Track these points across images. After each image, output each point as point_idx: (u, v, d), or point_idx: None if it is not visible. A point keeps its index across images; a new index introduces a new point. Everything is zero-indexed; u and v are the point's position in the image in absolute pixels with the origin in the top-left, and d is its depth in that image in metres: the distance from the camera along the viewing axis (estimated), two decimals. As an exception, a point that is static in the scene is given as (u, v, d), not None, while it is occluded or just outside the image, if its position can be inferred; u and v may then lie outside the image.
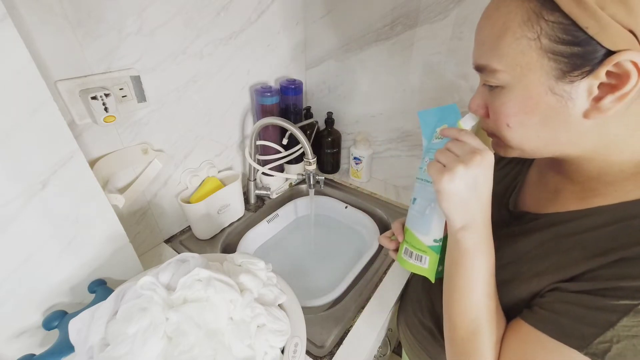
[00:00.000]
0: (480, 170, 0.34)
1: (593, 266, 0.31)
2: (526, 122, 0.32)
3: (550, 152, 0.34)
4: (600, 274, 0.30)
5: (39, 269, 0.47)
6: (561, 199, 0.38)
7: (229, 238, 0.81)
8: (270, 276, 0.49)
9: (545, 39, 0.28)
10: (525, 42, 0.29)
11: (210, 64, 0.68)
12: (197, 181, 0.76)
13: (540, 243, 0.36)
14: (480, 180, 0.34)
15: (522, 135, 0.33)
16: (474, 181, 0.34)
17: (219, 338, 0.38)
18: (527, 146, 0.34)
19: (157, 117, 0.63)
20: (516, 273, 0.37)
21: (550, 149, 0.34)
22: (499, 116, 0.34)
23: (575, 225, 0.34)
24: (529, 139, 0.33)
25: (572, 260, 0.32)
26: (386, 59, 0.80)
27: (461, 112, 0.41)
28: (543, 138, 0.33)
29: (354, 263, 0.72)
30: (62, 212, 0.47)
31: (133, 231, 0.69)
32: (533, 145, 0.34)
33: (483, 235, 0.36)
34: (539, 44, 0.28)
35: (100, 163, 0.57)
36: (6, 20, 0.35)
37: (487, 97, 0.35)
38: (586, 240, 0.33)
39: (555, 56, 0.28)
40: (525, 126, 0.32)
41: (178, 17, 0.59)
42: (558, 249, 0.34)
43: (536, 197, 0.42)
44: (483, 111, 0.37)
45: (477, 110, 0.37)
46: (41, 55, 0.45)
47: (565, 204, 0.37)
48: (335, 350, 0.55)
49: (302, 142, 0.70)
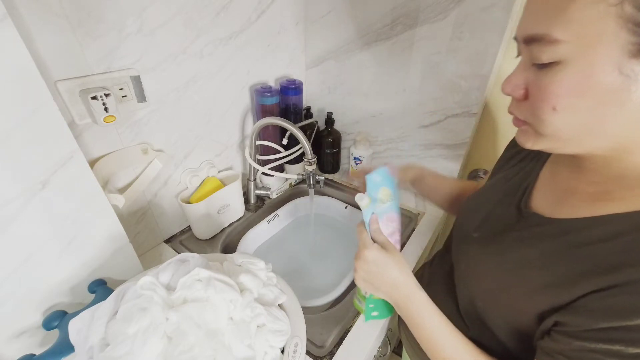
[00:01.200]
0: (366, 266, 0.45)
1: (603, 286, 0.29)
2: (576, 106, 0.28)
3: (584, 146, 0.31)
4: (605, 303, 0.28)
5: (39, 269, 0.47)
6: (575, 201, 0.35)
7: (229, 238, 0.81)
8: (270, 276, 0.49)
9: (630, 5, 0.23)
10: (602, 8, 0.24)
11: (210, 64, 0.68)
12: (197, 181, 0.76)
13: (549, 252, 0.34)
14: (372, 271, 0.45)
15: (565, 121, 0.29)
16: (367, 275, 0.46)
17: (219, 338, 0.38)
18: (564, 135, 0.30)
19: (157, 117, 0.63)
20: (520, 280, 0.36)
21: (586, 141, 0.30)
22: (545, 97, 0.29)
23: (586, 235, 0.32)
24: (571, 126, 0.29)
25: (581, 274, 0.31)
26: (386, 59, 0.80)
27: (462, 112, 0.41)
28: (587, 126, 0.29)
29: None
30: (62, 212, 0.47)
31: (133, 231, 0.69)
32: (572, 135, 0.30)
33: (410, 306, 0.44)
34: (620, 11, 0.24)
35: (100, 163, 0.57)
36: (6, 20, 0.35)
37: (530, 75, 0.31)
38: (596, 252, 0.31)
39: (637, 28, 0.23)
40: (574, 110, 0.28)
41: (178, 17, 0.59)
42: (567, 260, 0.32)
43: (547, 198, 0.40)
44: (521, 92, 0.32)
45: (513, 91, 0.33)
46: (41, 55, 0.46)
47: (578, 207, 0.35)
48: (335, 350, 0.55)
49: (302, 142, 0.70)
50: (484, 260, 0.41)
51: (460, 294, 0.47)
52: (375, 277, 0.45)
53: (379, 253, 0.44)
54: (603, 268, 0.29)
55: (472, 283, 0.43)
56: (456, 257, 0.49)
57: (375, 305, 0.53)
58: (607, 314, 0.28)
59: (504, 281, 0.37)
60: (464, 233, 0.48)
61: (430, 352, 0.43)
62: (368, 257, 0.44)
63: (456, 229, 0.51)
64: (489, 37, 0.64)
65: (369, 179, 0.47)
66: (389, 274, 0.44)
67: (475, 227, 0.45)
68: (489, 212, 0.45)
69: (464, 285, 0.46)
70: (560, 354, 0.31)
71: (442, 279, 0.52)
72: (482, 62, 0.67)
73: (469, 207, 0.51)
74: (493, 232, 0.42)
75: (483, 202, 0.47)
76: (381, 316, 0.55)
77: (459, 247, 0.48)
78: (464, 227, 0.49)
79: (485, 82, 0.69)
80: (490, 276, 0.40)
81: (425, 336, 0.43)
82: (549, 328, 0.33)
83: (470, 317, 0.44)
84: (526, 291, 0.35)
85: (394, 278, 0.44)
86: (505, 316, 0.38)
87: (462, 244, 0.48)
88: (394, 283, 0.44)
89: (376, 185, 0.47)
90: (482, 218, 0.45)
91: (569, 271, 0.32)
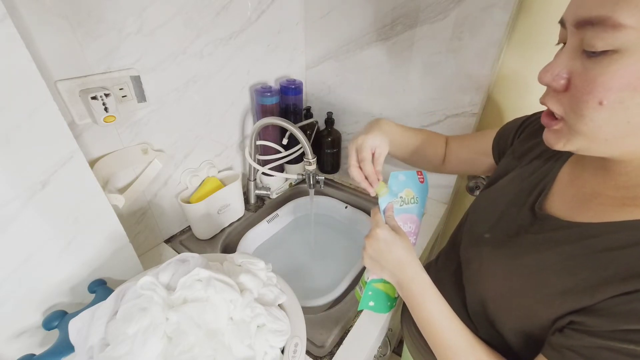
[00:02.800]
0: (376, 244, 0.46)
1: (627, 290, 0.28)
2: (628, 101, 0.25)
3: (621, 149, 0.29)
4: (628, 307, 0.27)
5: (39, 269, 0.47)
6: (597, 205, 0.34)
7: (229, 238, 0.81)
8: (270, 276, 0.49)
9: None
10: None
11: (210, 64, 0.68)
12: (197, 181, 0.76)
13: (570, 256, 0.32)
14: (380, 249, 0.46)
15: (609, 118, 0.27)
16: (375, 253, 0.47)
17: (219, 338, 0.38)
18: (604, 134, 0.28)
19: (157, 117, 0.63)
20: (538, 285, 0.34)
21: (625, 143, 0.28)
22: (593, 89, 0.26)
23: (611, 240, 0.31)
24: (614, 125, 0.27)
25: (604, 280, 0.29)
26: (386, 59, 0.80)
27: (461, 112, 0.41)
28: (632, 125, 0.26)
29: (354, 263, 0.72)
30: (62, 212, 0.47)
31: (133, 231, 0.69)
32: (612, 134, 0.28)
33: (413, 287, 0.45)
34: None
35: (100, 163, 0.57)
36: (6, 20, 0.35)
37: (576, 64, 0.28)
38: (621, 257, 0.29)
39: None
40: (623, 106, 0.26)
41: (178, 17, 0.59)
42: (590, 265, 0.31)
43: (567, 201, 0.37)
44: (562, 82, 0.29)
45: (554, 81, 0.30)
46: (41, 55, 0.45)
47: (601, 212, 0.33)
48: (335, 350, 0.55)
49: (302, 142, 0.70)
50: (496, 263, 0.40)
51: (469, 294, 0.45)
52: (382, 255, 0.46)
53: (389, 233, 0.46)
54: (628, 273, 0.28)
55: (484, 285, 0.42)
56: (466, 257, 0.47)
57: (374, 294, 0.54)
58: (628, 317, 0.27)
59: (520, 285, 0.36)
60: (475, 233, 0.47)
61: (428, 335, 0.44)
62: (379, 235, 0.46)
63: (467, 228, 0.50)
64: (489, 37, 0.64)
65: (394, 175, 0.51)
66: (396, 252, 0.45)
67: (487, 228, 0.44)
68: (502, 213, 0.44)
69: (474, 286, 0.44)
70: (569, 349, 0.30)
71: (448, 277, 0.51)
72: (482, 62, 0.67)
73: (481, 206, 0.50)
74: (506, 234, 0.41)
75: (496, 202, 0.46)
76: (377, 309, 0.55)
77: (469, 248, 0.47)
78: (475, 226, 0.48)
79: (485, 82, 0.69)
80: (504, 279, 0.38)
81: (425, 317, 0.44)
82: (562, 326, 0.32)
83: (478, 318, 0.43)
84: (544, 296, 0.33)
85: (400, 257, 0.45)
86: (518, 319, 0.37)
87: (473, 245, 0.47)
88: (400, 262, 0.45)
89: (399, 183, 0.51)
90: (495, 218, 0.44)
91: (591, 276, 0.30)
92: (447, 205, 0.90)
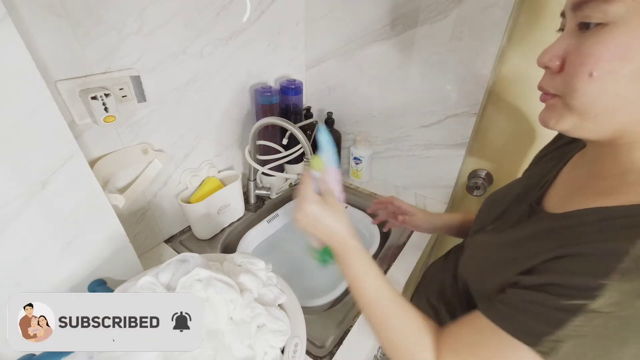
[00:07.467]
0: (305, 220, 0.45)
1: (553, 255, 0.31)
2: (616, 72, 0.27)
3: (611, 126, 0.31)
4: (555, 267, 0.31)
5: (39, 268, 0.47)
6: (580, 196, 0.36)
7: (228, 238, 0.81)
8: (270, 276, 0.49)
9: None
10: None
11: (210, 64, 0.68)
12: (197, 181, 0.76)
13: (531, 234, 0.37)
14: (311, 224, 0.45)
15: (600, 90, 0.29)
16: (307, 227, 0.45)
17: (219, 338, 0.38)
18: (595, 108, 0.30)
19: (157, 117, 0.63)
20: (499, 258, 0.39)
21: (613, 120, 0.30)
22: (584, 61, 0.29)
23: (567, 223, 0.33)
24: (605, 96, 0.29)
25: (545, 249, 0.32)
26: (386, 59, 0.80)
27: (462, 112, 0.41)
28: (621, 98, 0.28)
29: (354, 263, 0.72)
30: (62, 212, 0.47)
31: (133, 231, 0.69)
32: (603, 108, 0.29)
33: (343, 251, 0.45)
34: None
35: (100, 163, 0.57)
36: (6, 20, 0.35)
37: (571, 43, 0.30)
38: (564, 234, 0.32)
39: None
40: (612, 77, 0.28)
41: (178, 17, 0.59)
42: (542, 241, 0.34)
43: (560, 196, 0.40)
44: (558, 63, 0.32)
45: (550, 61, 0.32)
46: (41, 55, 0.45)
47: (580, 202, 0.35)
48: (335, 350, 0.55)
49: (302, 142, 0.70)
50: (486, 248, 0.43)
51: (460, 280, 0.48)
52: (314, 228, 0.46)
53: (316, 206, 0.45)
54: (561, 244, 0.31)
55: (465, 267, 0.46)
56: (465, 245, 0.51)
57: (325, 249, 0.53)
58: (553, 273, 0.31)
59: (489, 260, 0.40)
60: (480, 225, 0.50)
61: (355, 293, 0.45)
62: (307, 211, 0.45)
63: (475, 221, 0.54)
64: (489, 37, 0.64)
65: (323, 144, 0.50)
66: (325, 222, 0.45)
67: (491, 221, 0.47)
68: (506, 208, 0.46)
69: (460, 269, 0.48)
70: (500, 301, 0.34)
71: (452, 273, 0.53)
72: (482, 62, 0.67)
73: (489, 202, 0.53)
74: (506, 226, 0.43)
75: (503, 198, 0.49)
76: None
77: (471, 237, 0.50)
78: (481, 219, 0.51)
79: (485, 82, 0.69)
80: (484, 257, 0.43)
81: (352, 275, 0.45)
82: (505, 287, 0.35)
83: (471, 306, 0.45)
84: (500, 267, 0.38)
85: (329, 226, 0.45)
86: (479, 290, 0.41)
87: (475, 234, 0.50)
88: (330, 231, 0.46)
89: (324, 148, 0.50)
90: (500, 212, 0.47)
91: (538, 247, 0.34)
92: (447, 205, 0.90)
